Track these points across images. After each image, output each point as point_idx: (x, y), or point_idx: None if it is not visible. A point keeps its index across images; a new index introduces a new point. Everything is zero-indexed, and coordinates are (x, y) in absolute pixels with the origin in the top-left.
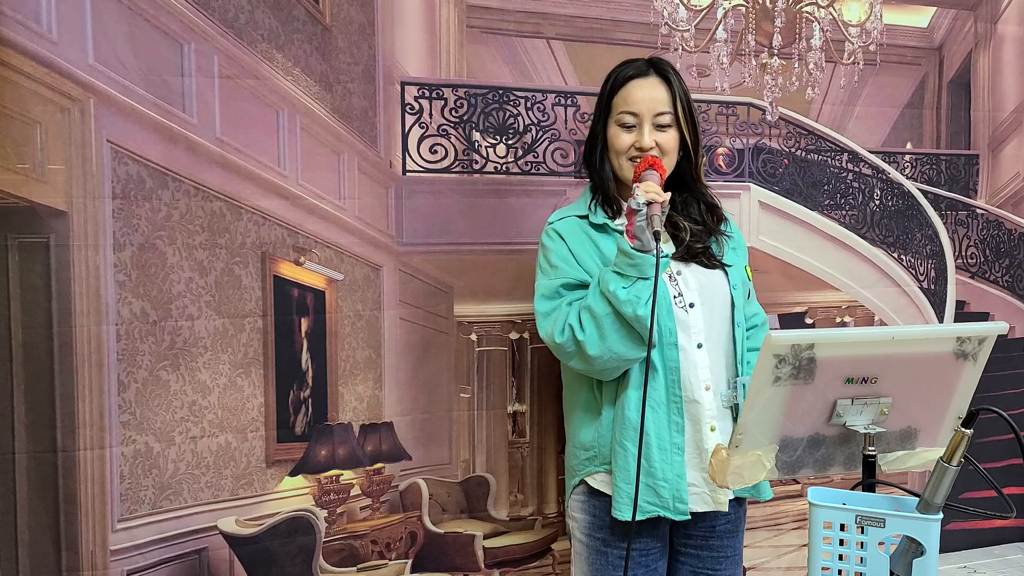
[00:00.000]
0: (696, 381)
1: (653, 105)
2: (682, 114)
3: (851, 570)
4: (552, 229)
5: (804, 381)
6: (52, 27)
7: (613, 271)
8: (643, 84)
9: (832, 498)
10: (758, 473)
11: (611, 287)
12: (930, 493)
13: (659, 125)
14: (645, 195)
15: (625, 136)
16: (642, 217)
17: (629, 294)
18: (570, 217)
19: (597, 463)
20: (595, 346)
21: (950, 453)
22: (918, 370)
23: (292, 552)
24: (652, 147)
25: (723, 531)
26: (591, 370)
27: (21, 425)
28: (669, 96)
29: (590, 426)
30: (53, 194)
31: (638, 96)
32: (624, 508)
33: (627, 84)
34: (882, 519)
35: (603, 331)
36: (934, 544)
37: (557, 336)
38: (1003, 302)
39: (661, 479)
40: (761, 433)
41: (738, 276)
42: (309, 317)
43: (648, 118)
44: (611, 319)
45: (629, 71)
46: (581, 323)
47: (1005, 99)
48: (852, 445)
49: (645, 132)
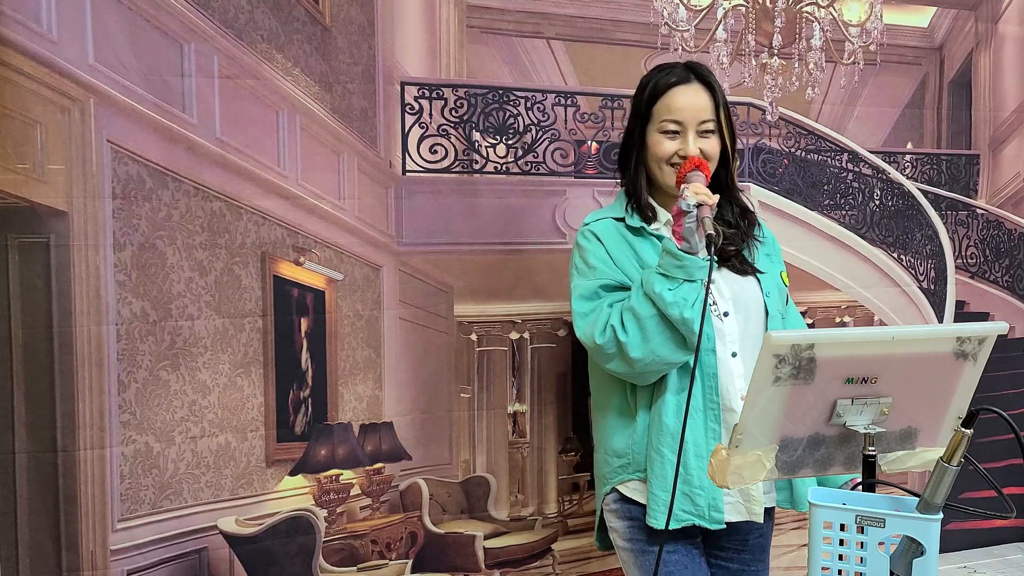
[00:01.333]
0: (732, 389)
1: (697, 113)
2: (725, 121)
3: (851, 570)
4: (588, 230)
5: (804, 381)
6: (52, 27)
7: (659, 273)
8: (686, 91)
9: (832, 498)
10: (758, 473)
11: (656, 289)
12: (930, 493)
13: (703, 132)
14: (695, 196)
15: (668, 144)
16: (692, 219)
17: (676, 296)
18: (606, 219)
19: (631, 471)
20: (638, 348)
21: (950, 453)
22: (918, 370)
23: (292, 552)
24: (696, 154)
25: (755, 545)
26: (630, 373)
27: (21, 425)
28: (712, 103)
29: (623, 432)
30: (53, 194)
31: (681, 104)
32: (659, 516)
33: (669, 91)
34: (882, 519)
35: (647, 333)
36: (934, 544)
37: (598, 337)
38: (1003, 302)
39: (698, 487)
40: (761, 433)
41: (772, 282)
42: (309, 317)
43: (692, 126)
44: (656, 321)
45: (671, 78)
46: (624, 324)
47: (1006, 99)
48: (852, 445)
49: (690, 140)
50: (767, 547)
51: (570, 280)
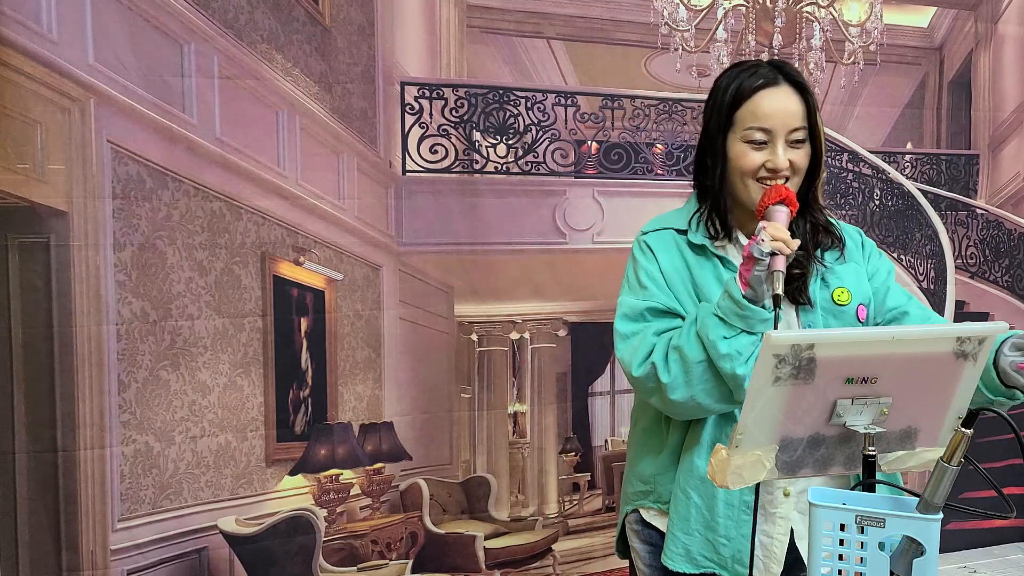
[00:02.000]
0: None
1: (788, 120)
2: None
3: (851, 570)
4: (645, 241)
5: (804, 381)
6: (52, 27)
7: (716, 315)
8: (775, 95)
9: (832, 498)
10: (758, 473)
11: (711, 335)
12: (930, 493)
13: (793, 141)
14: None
15: (755, 155)
16: (762, 267)
17: (730, 347)
18: (667, 230)
19: (652, 499)
20: (679, 391)
21: (950, 453)
22: (918, 370)
23: (292, 551)
24: (786, 167)
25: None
26: (665, 409)
27: (21, 425)
28: (804, 108)
29: (650, 457)
30: (53, 194)
31: (770, 109)
32: (678, 559)
33: (756, 95)
34: (882, 519)
35: (691, 378)
36: (934, 544)
37: (636, 369)
38: (1003, 302)
39: (723, 536)
40: (761, 433)
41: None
42: (309, 317)
43: (782, 134)
44: (703, 367)
45: (757, 80)
46: (667, 363)
47: (1005, 99)
48: (852, 445)
49: (779, 150)
50: None
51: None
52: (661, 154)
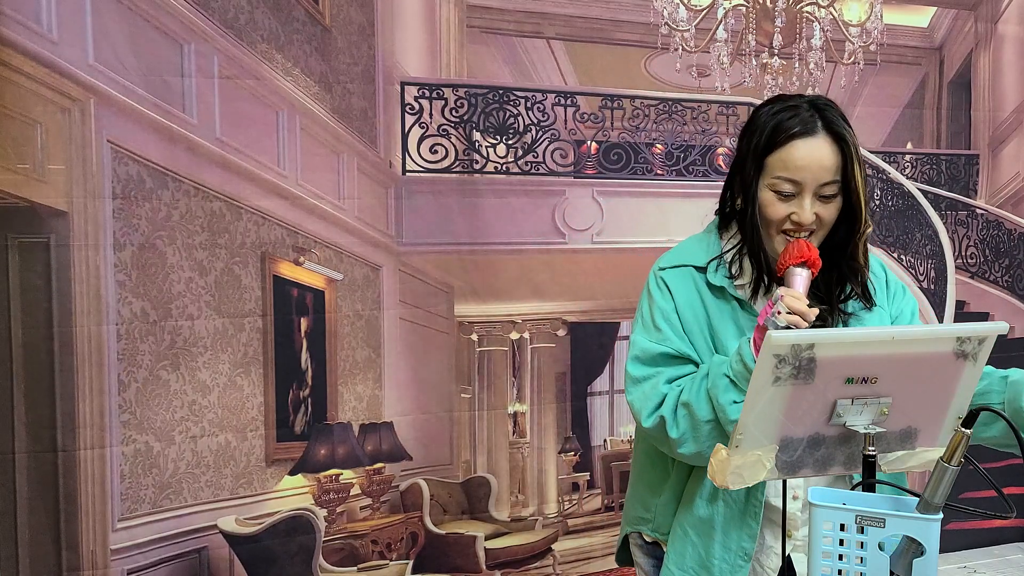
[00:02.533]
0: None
1: (820, 174)
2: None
3: (851, 570)
4: (662, 278)
5: (804, 381)
6: (52, 27)
7: (727, 375)
8: (810, 146)
9: (832, 498)
10: (758, 473)
11: (721, 399)
12: (930, 493)
13: (824, 196)
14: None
15: (780, 206)
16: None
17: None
18: (686, 268)
19: (651, 527)
20: (687, 446)
21: (950, 453)
22: (918, 370)
23: (292, 551)
24: (811, 221)
25: None
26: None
27: (21, 425)
28: (839, 160)
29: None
30: (53, 194)
31: (802, 162)
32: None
33: (790, 143)
34: (882, 519)
35: (699, 436)
36: (934, 544)
37: (645, 420)
38: (1003, 302)
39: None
40: (761, 433)
41: None
42: (309, 317)
43: (811, 188)
44: (711, 426)
45: (794, 126)
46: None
47: (1005, 99)
48: (852, 445)
49: (806, 205)
50: None
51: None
52: (661, 154)
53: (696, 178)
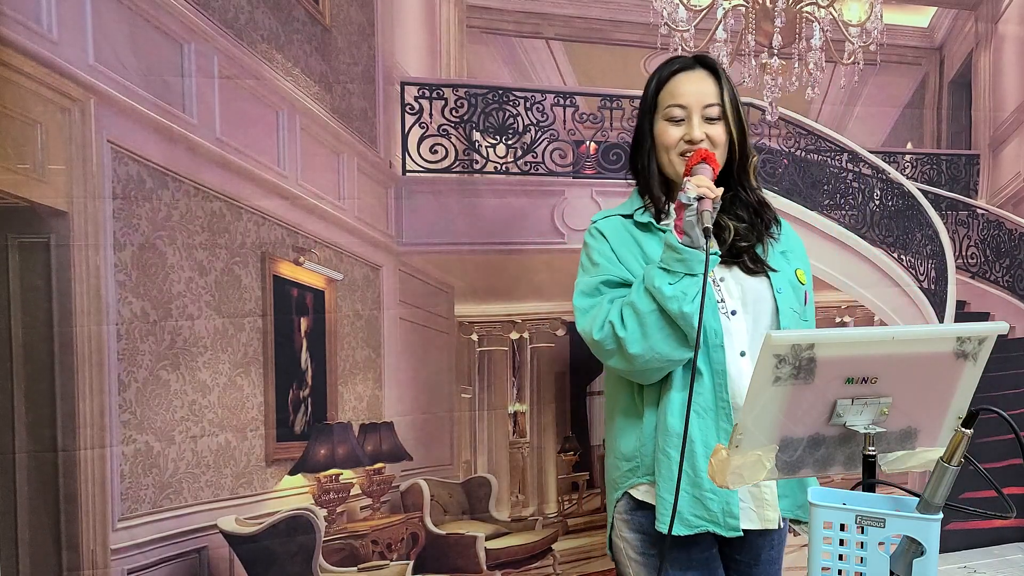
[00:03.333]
0: (742, 388)
1: (701, 97)
2: (730, 108)
3: (851, 570)
4: (595, 228)
5: (804, 381)
6: (52, 27)
7: (659, 267)
8: (690, 77)
9: (832, 498)
10: (758, 473)
11: (656, 283)
12: (930, 493)
13: (708, 118)
14: (696, 189)
15: (674, 130)
16: (692, 212)
17: (675, 290)
18: (614, 216)
19: (640, 474)
20: (637, 344)
21: (950, 453)
22: (918, 370)
23: (292, 551)
24: (702, 139)
25: (767, 559)
26: (631, 370)
27: (21, 425)
28: (717, 89)
29: (631, 434)
30: (53, 194)
31: (686, 88)
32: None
33: (673, 78)
34: (882, 519)
35: (646, 328)
36: (934, 544)
37: (596, 332)
38: (1003, 302)
39: (709, 491)
40: (761, 433)
41: (784, 280)
42: (309, 317)
43: (697, 110)
44: (655, 316)
45: (675, 66)
46: (623, 320)
47: (1006, 99)
48: (852, 445)
49: (695, 124)
50: (780, 559)
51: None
52: None
53: None
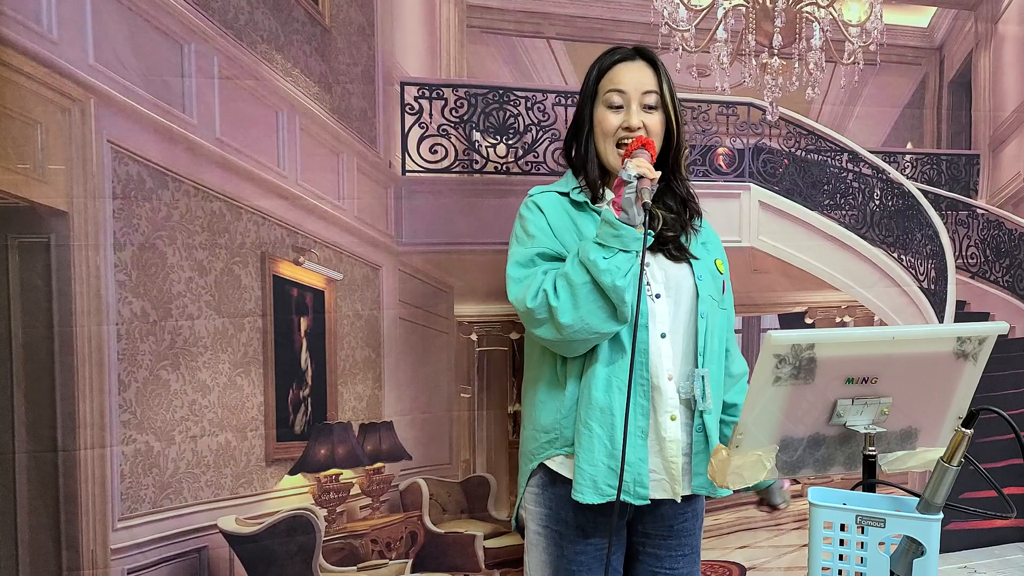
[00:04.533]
0: (660, 368)
1: (640, 85)
2: (668, 98)
3: (851, 570)
4: (532, 201)
5: (804, 381)
6: (52, 27)
7: (595, 242)
8: (630, 67)
9: (832, 498)
10: (758, 473)
11: (591, 256)
12: (930, 493)
13: (646, 106)
14: (637, 168)
15: (613, 117)
16: (631, 190)
17: (609, 264)
18: (550, 193)
19: (558, 445)
20: (568, 314)
21: (950, 453)
22: (918, 370)
23: (292, 551)
24: (640, 127)
25: (680, 530)
26: (559, 340)
27: (21, 425)
28: (656, 79)
29: (551, 406)
30: (53, 194)
31: (626, 77)
32: (587, 491)
33: (614, 67)
34: (882, 519)
35: (577, 300)
36: (934, 544)
37: (529, 300)
38: (1003, 302)
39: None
40: (761, 433)
41: (704, 267)
42: (308, 317)
43: (636, 97)
44: (588, 288)
45: (616, 56)
46: (556, 289)
47: (1006, 99)
48: (852, 445)
49: (633, 111)
50: (695, 531)
51: (509, 248)
52: None
53: (696, 178)
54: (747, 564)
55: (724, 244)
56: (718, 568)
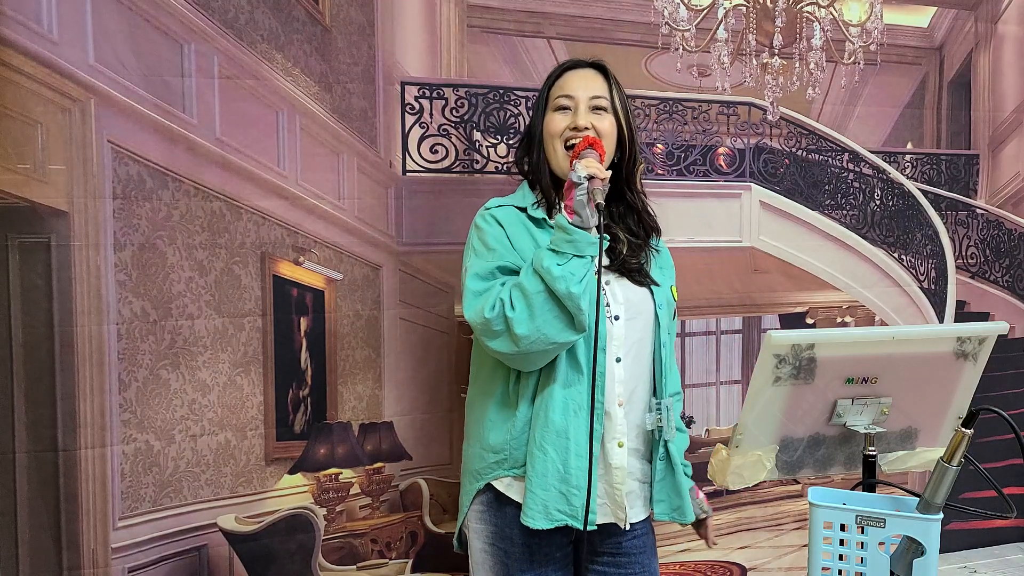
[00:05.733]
0: (612, 395)
1: (588, 90)
2: (619, 105)
3: (851, 570)
4: (489, 214)
5: (804, 381)
6: (52, 27)
7: (549, 248)
8: (579, 73)
9: (832, 498)
10: (758, 473)
11: (545, 264)
12: (930, 493)
13: (595, 108)
14: (586, 169)
15: (560, 119)
16: (583, 191)
17: (563, 271)
18: (508, 206)
19: (507, 467)
20: (524, 324)
21: (950, 453)
22: (918, 370)
23: (291, 550)
24: (588, 127)
25: (630, 547)
26: (515, 353)
27: (22, 424)
28: (606, 85)
29: (502, 426)
30: (54, 194)
31: (574, 82)
32: (537, 516)
33: (564, 75)
34: (882, 519)
35: (533, 309)
36: (934, 544)
37: (487, 311)
38: (1003, 302)
39: (575, 487)
40: (761, 433)
41: (663, 295)
42: (308, 316)
43: (584, 100)
44: (543, 297)
45: (567, 65)
46: (512, 300)
47: (1005, 99)
48: (852, 445)
49: (581, 112)
50: (646, 549)
51: (464, 261)
52: (661, 154)
53: (697, 178)
54: (747, 564)
55: (725, 244)
56: (719, 568)
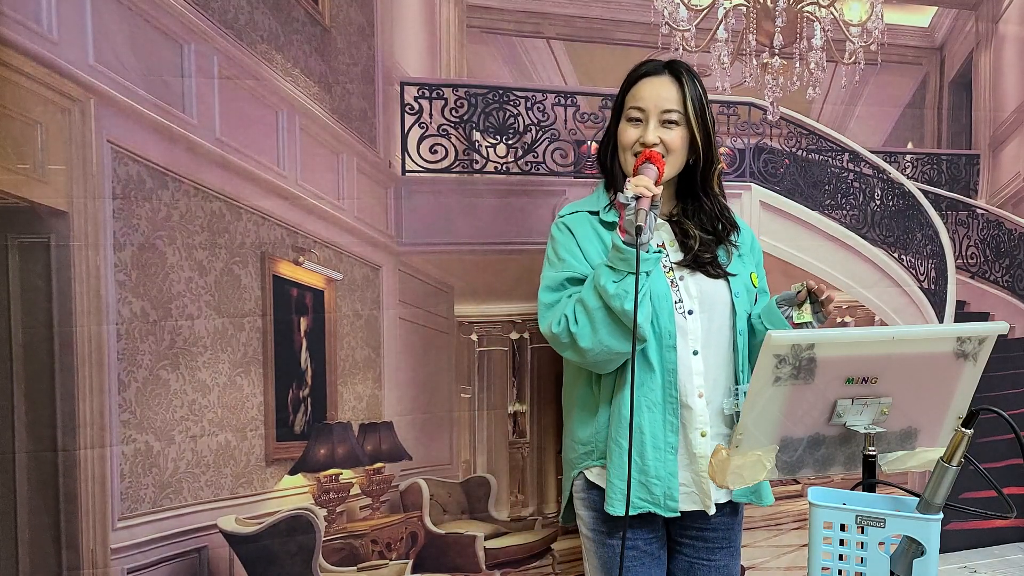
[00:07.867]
0: (690, 386)
1: (660, 102)
2: (693, 115)
3: (851, 570)
4: (562, 222)
5: (804, 381)
6: (52, 27)
7: (606, 265)
8: (653, 82)
9: (832, 498)
10: (758, 473)
11: (602, 281)
12: (930, 493)
13: (666, 122)
14: (635, 188)
15: (631, 131)
16: (631, 211)
17: (618, 288)
18: (581, 212)
19: (594, 458)
20: (587, 339)
21: (950, 453)
22: (918, 370)
23: (292, 551)
24: (656, 143)
25: (718, 523)
26: (585, 362)
27: (21, 424)
28: (679, 95)
29: (588, 422)
30: (53, 194)
31: (646, 93)
32: (616, 503)
33: (638, 82)
34: (882, 519)
35: (595, 324)
36: (934, 544)
37: (554, 327)
38: (1003, 302)
39: (654, 476)
40: (761, 433)
41: (741, 284)
42: (308, 316)
43: (654, 114)
44: (602, 313)
45: (642, 69)
46: (575, 316)
47: (1006, 99)
48: (852, 445)
49: (650, 127)
50: (734, 527)
51: (542, 271)
52: None
53: None
54: (746, 564)
55: None
56: None
